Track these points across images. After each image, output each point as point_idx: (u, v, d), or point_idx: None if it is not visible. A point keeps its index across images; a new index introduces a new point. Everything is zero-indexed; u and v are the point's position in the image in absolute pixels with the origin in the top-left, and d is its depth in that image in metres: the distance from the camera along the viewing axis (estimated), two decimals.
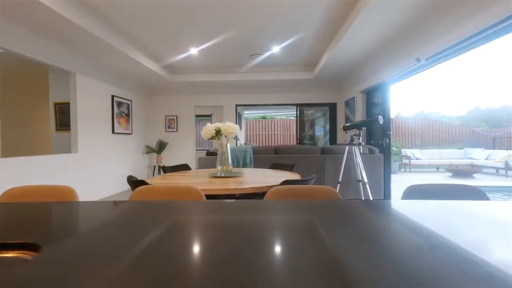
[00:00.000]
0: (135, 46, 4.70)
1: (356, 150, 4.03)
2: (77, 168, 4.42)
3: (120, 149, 5.80)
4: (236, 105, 7.46)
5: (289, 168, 2.78)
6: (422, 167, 10.13)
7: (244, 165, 4.45)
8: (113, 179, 5.43)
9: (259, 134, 13.52)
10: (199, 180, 2.12)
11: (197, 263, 0.58)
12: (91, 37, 3.69)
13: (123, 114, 5.96)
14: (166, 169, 2.77)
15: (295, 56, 5.41)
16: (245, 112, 11.76)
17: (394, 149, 10.16)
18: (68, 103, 4.49)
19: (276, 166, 3.00)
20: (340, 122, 6.87)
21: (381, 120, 3.70)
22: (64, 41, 3.82)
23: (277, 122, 13.99)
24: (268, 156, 4.50)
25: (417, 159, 10.15)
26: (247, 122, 13.29)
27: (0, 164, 3.29)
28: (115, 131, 5.59)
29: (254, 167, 4.45)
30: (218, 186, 1.80)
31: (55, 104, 4.85)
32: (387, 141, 4.58)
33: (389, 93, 4.62)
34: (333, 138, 7.20)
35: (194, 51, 5.05)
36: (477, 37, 2.45)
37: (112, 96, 5.53)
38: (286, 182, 1.76)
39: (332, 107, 7.23)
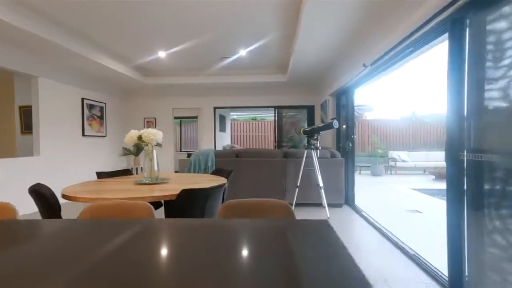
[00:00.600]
0: (98, 49, 4.68)
1: (314, 154, 4.00)
2: (39, 171, 4.42)
3: (91, 152, 5.80)
4: (215, 108, 7.45)
5: (226, 174, 2.76)
6: (408, 169, 10.06)
7: (206, 169, 4.43)
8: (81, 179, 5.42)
9: (247, 136, 13.49)
10: (123, 187, 2.11)
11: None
12: (47, 42, 3.68)
13: (95, 117, 5.96)
14: (102, 175, 2.75)
15: (266, 59, 5.39)
16: (232, 113, 11.76)
17: (379, 151, 10.10)
18: (29, 106, 4.49)
19: (218, 172, 2.98)
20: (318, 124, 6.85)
21: (335, 124, 3.67)
22: (23, 46, 3.82)
23: (268, 124, 13.95)
24: (229, 160, 4.48)
25: (403, 161, 10.08)
26: (235, 123, 13.27)
27: None
28: (85, 134, 5.59)
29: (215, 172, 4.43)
30: (135, 194, 1.78)
31: (20, 107, 4.86)
32: (350, 144, 4.54)
33: (353, 97, 4.58)
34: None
35: (162, 54, 5.05)
36: (410, 39, 2.41)
37: (82, 99, 5.54)
38: (184, 190, 1.74)
39: (310, 110, 7.21)
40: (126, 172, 2.98)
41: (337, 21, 3.09)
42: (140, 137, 2.24)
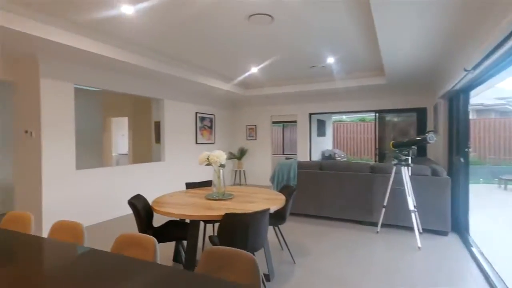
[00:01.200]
0: (206, 74, 5.60)
1: (405, 172, 3.48)
2: (163, 174, 5.72)
3: None
4: (310, 114, 7.44)
5: (289, 192, 2.82)
6: None
7: (288, 180, 4.57)
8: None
9: (353, 138, 12.63)
10: (194, 201, 2.56)
11: None
12: (170, 76, 4.80)
13: (206, 127, 7.10)
14: (190, 185, 3.35)
15: (358, 62, 5.00)
16: (335, 116, 11.34)
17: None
18: (159, 121, 5.86)
19: (284, 188, 3.07)
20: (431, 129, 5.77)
21: (431, 139, 3.10)
22: (155, 80, 5.07)
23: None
24: (312, 172, 4.45)
25: None
26: (339, 126, 12.69)
27: (132, 168, 5.07)
28: (198, 142, 6.77)
29: (298, 183, 4.51)
30: (195, 210, 2.19)
31: (155, 122, 6.39)
32: (462, 159, 3.65)
33: (467, 100, 3.67)
34: (422, 148, 6.11)
35: (254, 69, 5.52)
36: None
37: (196, 113, 6.72)
38: (226, 216, 1.96)
39: (421, 112, 6.14)
40: (209, 183, 3.49)
41: (425, 16, 2.60)
42: (208, 158, 2.62)
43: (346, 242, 3.44)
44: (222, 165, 2.61)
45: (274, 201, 2.50)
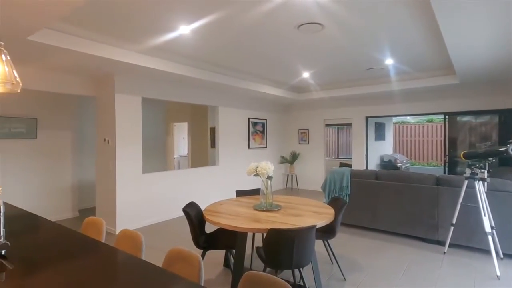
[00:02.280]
0: (259, 81, 5.73)
1: (480, 187, 3.04)
2: (218, 177, 6.03)
3: (255, 161, 7.10)
4: (367, 117, 7.01)
5: (340, 205, 2.71)
6: None
7: (340, 189, 4.39)
8: (245, 186, 6.81)
9: (419, 141, 11.45)
10: (242, 211, 2.66)
11: None
12: (224, 85, 5.05)
13: (258, 132, 7.24)
14: (240, 193, 3.47)
15: (422, 62, 4.53)
16: (396, 118, 10.45)
17: None
18: (214, 127, 6.19)
19: (334, 201, 2.97)
20: None
21: None
22: (211, 89, 5.40)
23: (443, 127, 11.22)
24: (367, 182, 4.20)
25: None
26: (401, 128, 11.64)
27: (191, 172, 5.47)
28: (250, 146, 6.95)
29: (351, 193, 4.30)
30: (242, 222, 2.28)
31: (210, 128, 6.77)
32: None
33: None
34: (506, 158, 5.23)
35: (306, 74, 5.44)
36: None
37: (248, 118, 6.91)
38: (270, 231, 1.99)
39: (507, 114, 5.26)
40: (258, 192, 3.56)
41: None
42: (256, 169, 2.68)
43: (406, 261, 3.15)
44: (269, 177, 2.64)
45: (323, 216, 2.43)
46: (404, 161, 9.26)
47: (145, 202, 4.64)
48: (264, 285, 1.08)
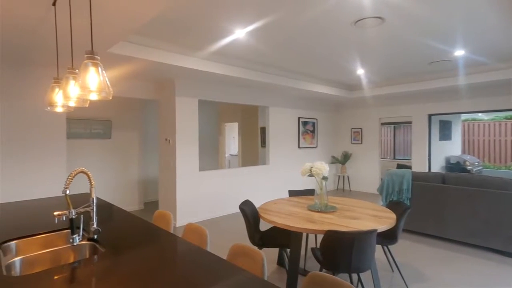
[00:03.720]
0: (309, 80, 5.65)
1: None
2: (268, 177, 6.11)
3: (305, 161, 7.03)
4: (430, 115, 6.41)
5: (402, 210, 2.54)
6: None
7: (400, 193, 4.10)
8: (295, 186, 6.77)
9: (494, 140, 10.05)
10: (296, 210, 2.67)
11: None
12: (274, 85, 5.10)
13: (308, 131, 7.14)
14: (292, 193, 3.47)
15: (501, 52, 3.99)
16: (464, 115, 9.33)
17: None
18: (265, 127, 6.29)
19: (394, 205, 2.79)
20: None
21: None
22: (262, 90, 5.51)
23: None
24: (432, 186, 3.85)
25: None
26: (475, 126, 10.34)
27: (242, 171, 5.63)
28: (300, 146, 6.89)
29: (412, 197, 3.99)
30: (298, 222, 2.31)
31: (260, 128, 6.88)
32: None
33: None
34: None
35: (361, 71, 5.20)
36: None
37: (298, 118, 6.86)
38: (328, 232, 1.96)
39: None
40: (311, 192, 3.52)
41: None
42: (310, 169, 2.66)
43: (479, 275, 2.81)
44: (324, 178, 2.60)
45: (383, 220, 2.31)
46: (476, 163, 8.23)
47: (201, 198, 4.93)
48: (329, 286, 1.08)
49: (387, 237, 2.57)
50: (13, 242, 1.59)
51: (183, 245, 1.53)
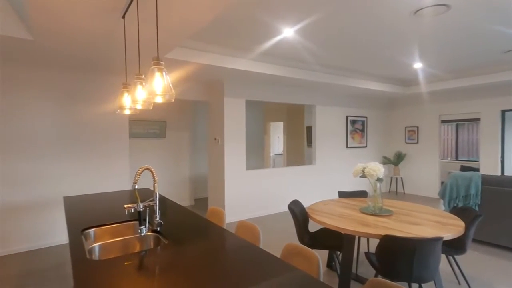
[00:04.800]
0: (359, 76, 5.39)
1: None
2: (314, 177, 5.98)
3: (353, 161, 6.73)
4: (503, 111, 5.64)
5: (471, 218, 2.28)
6: None
7: (466, 198, 3.69)
8: (344, 187, 6.50)
9: None
10: (348, 212, 2.58)
11: None
12: (321, 83, 4.99)
13: (357, 130, 6.81)
14: (343, 194, 3.34)
15: None
16: None
17: None
18: (311, 126, 6.17)
19: (461, 211, 2.52)
20: None
21: None
22: (309, 88, 5.43)
23: None
24: (506, 191, 3.38)
25: None
26: None
27: (287, 170, 5.60)
28: (348, 146, 6.61)
29: (482, 203, 3.56)
30: (350, 224, 2.24)
31: (306, 127, 6.76)
32: None
33: None
34: None
35: (418, 65, 4.80)
36: None
37: (347, 116, 6.58)
38: (386, 238, 1.84)
39: None
40: (363, 194, 3.36)
41: None
42: (363, 170, 2.54)
43: None
44: (379, 179, 2.45)
45: (448, 227, 2.10)
46: None
47: (248, 196, 5.03)
48: None
49: (454, 246, 2.33)
50: (92, 229, 1.81)
51: (237, 241, 1.57)
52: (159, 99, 1.46)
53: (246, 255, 1.37)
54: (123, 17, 2.06)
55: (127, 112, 2.09)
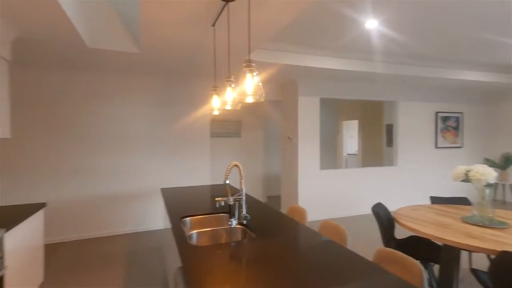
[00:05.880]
0: (451, 66, 4.69)
1: None
2: (395, 180, 5.45)
3: (444, 163, 5.89)
4: None
5: None
6: None
7: None
8: (432, 192, 5.74)
9: None
10: (446, 221, 2.28)
11: None
12: (407, 77, 4.53)
13: (450, 128, 5.93)
14: (436, 200, 2.96)
15: None
16: None
17: None
18: (392, 124, 5.64)
19: None
20: None
21: None
22: (386, 82, 4.99)
23: None
24: None
25: None
26: None
27: (364, 171, 5.28)
28: (438, 146, 5.81)
29: None
30: (451, 235, 1.98)
31: (386, 125, 6.20)
32: None
33: None
34: None
35: None
36: None
37: (436, 113, 5.80)
38: (504, 254, 1.55)
39: None
40: (463, 201, 2.90)
41: None
42: (467, 174, 2.19)
43: None
44: (489, 185, 2.08)
45: None
46: None
47: (322, 197, 4.90)
48: None
49: None
50: (188, 218, 2.02)
51: (324, 240, 1.54)
52: (250, 99, 1.53)
53: (336, 255, 1.34)
54: (213, 25, 2.24)
55: (216, 112, 2.27)
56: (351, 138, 9.99)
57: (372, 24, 2.95)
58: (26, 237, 2.16)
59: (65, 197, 3.90)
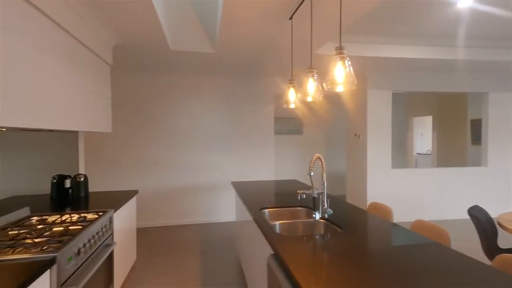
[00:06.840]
0: None
1: None
2: (484, 182, 4.74)
3: None
4: None
5: None
6: None
7: None
8: None
9: None
10: None
11: None
12: (499, 62, 3.90)
13: None
14: None
15: None
16: None
17: None
18: (480, 119, 4.92)
19: None
20: None
21: None
22: (472, 71, 4.36)
23: None
24: None
25: None
26: None
27: (443, 171, 4.73)
28: None
29: None
30: None
31: (471, 120, 5.44)
32: None
33: None
34: None
35: None
36: None
37: None
38: None
39: None
40: None
41: None
42: None
43: None
44: None
45: None
46: None
47: (394, 198, 4.53)
48: None
49: None
50: (267, 210, 2.06)
51: (420, 240, 1.40)
52: (340, 88, 1.48)
53: (438, 255, 1.20)
54: (291, 18, 2.24)
55: (292, 106, 2.26)
56: (421, 136, 9.06)
57: (466, 2, 2.59)
58: (125, 219, 2.46)
59: (145, 187, 4.35)
